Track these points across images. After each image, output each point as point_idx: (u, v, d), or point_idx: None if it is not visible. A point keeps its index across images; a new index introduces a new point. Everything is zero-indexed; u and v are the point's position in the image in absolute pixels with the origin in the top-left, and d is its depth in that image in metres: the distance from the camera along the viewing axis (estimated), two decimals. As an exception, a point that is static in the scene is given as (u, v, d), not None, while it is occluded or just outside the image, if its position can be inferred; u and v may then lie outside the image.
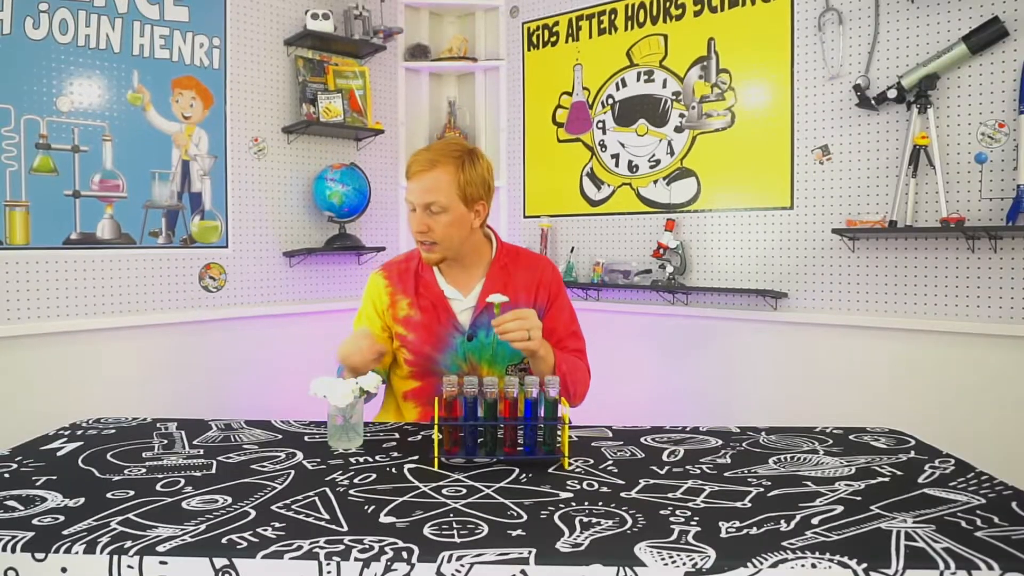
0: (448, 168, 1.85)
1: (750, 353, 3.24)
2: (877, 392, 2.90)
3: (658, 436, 1.77)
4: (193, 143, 3.31)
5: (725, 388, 3.30)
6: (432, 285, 1.98)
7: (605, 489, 1.39)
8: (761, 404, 3.19)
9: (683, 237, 3.45)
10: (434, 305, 1.96)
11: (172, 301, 3.27)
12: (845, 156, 2.98)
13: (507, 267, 2.01)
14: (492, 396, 1.56)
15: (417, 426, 1.87)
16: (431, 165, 1.85)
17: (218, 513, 1.26)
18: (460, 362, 1.94)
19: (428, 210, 1.86)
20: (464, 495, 1.35)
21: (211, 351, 3.36)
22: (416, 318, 1.96)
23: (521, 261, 2.04)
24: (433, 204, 1.85)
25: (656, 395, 3.49)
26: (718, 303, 3.36)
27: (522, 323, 1.72)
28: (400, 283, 2.01)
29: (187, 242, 3.31)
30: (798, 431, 1.81)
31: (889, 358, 2.88)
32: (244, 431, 1.82)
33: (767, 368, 3.19)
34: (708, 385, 3.35)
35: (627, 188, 3.64)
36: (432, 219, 1.86)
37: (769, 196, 3.19)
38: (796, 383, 3.10)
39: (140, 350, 3.15)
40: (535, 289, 2.00)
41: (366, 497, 1.34)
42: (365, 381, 1.67)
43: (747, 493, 1.37)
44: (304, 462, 1.56)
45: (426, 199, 1.85)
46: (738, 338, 3.28)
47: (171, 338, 3.24)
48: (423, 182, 1.85)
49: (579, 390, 1.95)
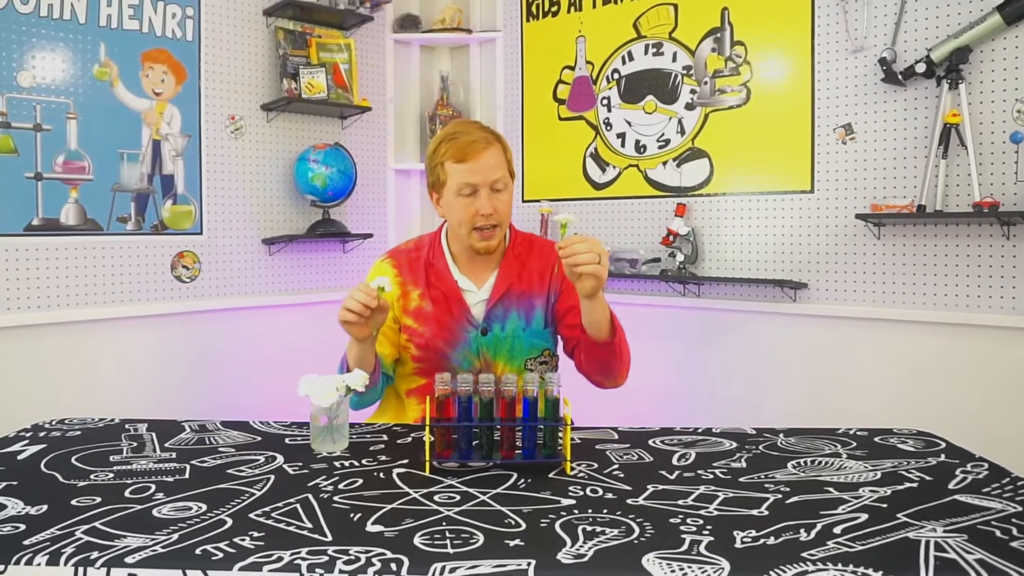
0: (498, 144, 1.91)
1: (767, 348, 3.24)
2: (904, 391, 2.90)
3: (667, 438, 1.77)
4: (165, 121, 3.30)
5: (740, 386, 3.30)
6: (445, 275, 1.98)
7: (610, 495, 1.39)
8: (779, 403, 3.19)
9: (695, 223, 3.44)
10: (446, 296, 1.96)
11: (142, 292, 3.26)
12: (870, 135, 2.97)
13: (521, 256, 2.02)
14: (488, 395, 1.55)
15: (407, 427, 1.87)
16: (488, 142, 1.89)
17: (192, 521, 1.26)
18: (473, 358, 1.94)
19: (493, 189, 1.88)
20: (458, 502, 1.35)
21: (184, 346, 3.36)
22: (428, 310, 1.96)
23: (535, 249, 2.05)
24: (499, 181, 1.89)
25: (665, 394, 3.50)
26: (732, 294, 3.36)
27: (591, 246, 1.66)
28: (410, 273, 2.01)
29: (158, 228, 3.30)
30: (819, 433, 1.81)
31: (917, 354, 2.88)
32: (220, 433, 1.81)
33: (785, 365, 3.19)
34: (722, 383, 3.36)
35: (634, 170, 3.63)
36: (497, 199, 1.89)
37: (788, 179, 3.19)
38: (817, 381, 3.11)
39: (107, 345, 3.15)
40: (548, 275, 2.01)
41: (352, 504, 1.34)
42: (351, 378, 1.67)
43: (764, 500, 1.36)
44: (285, 466, 1.55)
45: (494, 175, 1.88)
46: (754, 332, 3.27)
47: (141, 332, 3.24)
48: (488, 159, 1.87)
49: (628, 356, 1.94)
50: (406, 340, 1.98)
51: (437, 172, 1.92)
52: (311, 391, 1.62)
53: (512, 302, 1.97)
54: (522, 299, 1.98)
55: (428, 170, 1.97)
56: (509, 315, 1.96)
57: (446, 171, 1.89)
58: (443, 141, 1.90)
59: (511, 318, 1.96)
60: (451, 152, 1.88)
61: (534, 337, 1.98)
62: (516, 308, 1.97)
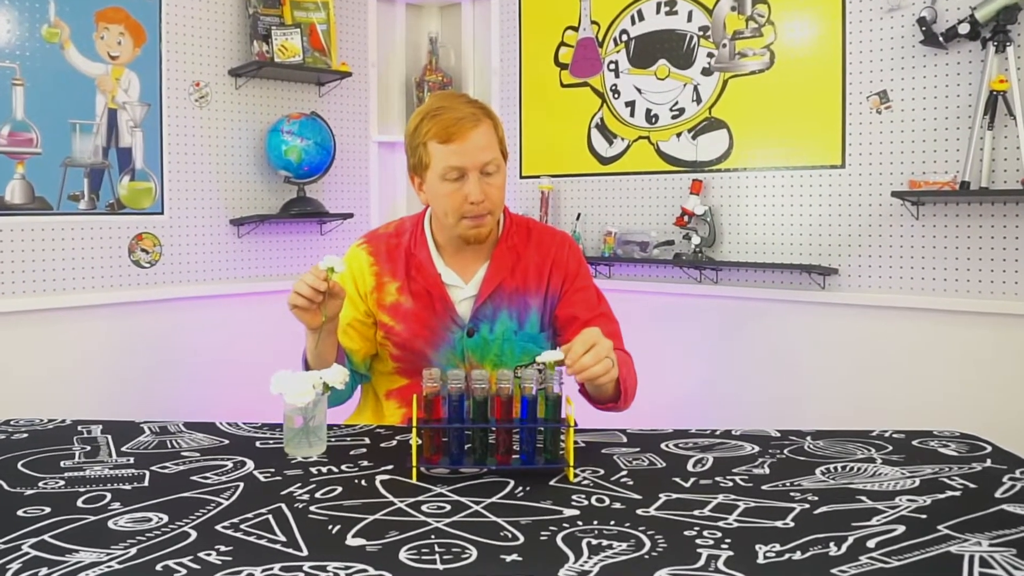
0: (488, 121, 1.87)
1: (793, 341, 3.24)
2: (946, 389, 2.90)
3: (682, 441, 1.77)
4: (121, 88, 3.29)
5: (762, 384, 3.31)
6: (427, 267, 1.95)
7: (618, 505, 1.39)
8: (806, 403, 3.20)
9: (712, 202, 3.44)
10: (429, 292, 1.94)
11: (96, 279, 3.26)
12: (907, 104, 2.97)
13: (515, 247, 1.99)
14: (482, 393, 1.55)
15: (391, 430, 1.86)
16: (476, 119, 1.84)
17: (151, 534, 1.26)
18: (457, 361, 1.93)
19: (483, 172, 1.85)
20: (448, 512, 1.35)
21: (143, 339, 3.35)
22: (407, 306, 1.94)
23: (533, 238, 2.02)
24: (490, 164, 1.85)
25: (679, 392, 3.50)
26: (754, 281, 3.36)
27: (597, 351, 1.60)
28: (388, 262, 1.98)
29: (114, 208, 3.30)
30: (851, 435, 1.81)
31: (960, 347, 2.88)
32: (183, 435, 1.81)
33: (813, 360, 3.19)
34: (742, 380, 3.36)
35: (644, 143, 3.63)
36: (487, 183, 1.86)
37: (816, 152, 3.19)
38: (848, 378, 3.11)
39: (57, 338, 3.14)
40: (547, 271, 1.98)
41: (330, 515, 1.34)
42: (329, 375, 1.66)
43: (789, 510, 1.37)
44: (255, 473, 1.55)
45: (484, 157, 1.84)
46: (778, 323, 3.28)
47: (95, 323, 3.23)
48: (478, 138, 1.83)
49: (633, 392, 1.90)
50: (383, 338, 1.96)
51: (419, 153, 1.86)
52: (284, 389, 1.62)
53: (503, 300, 1.94)
54: (515, 297, 1.95)
55: (408, 151, 1.91)
56: (499, 315, 1.93)
57: (429, 152, 1.84)
58: (425, 118, 1.85)
59: (501, 318, 1.93)
60: (435, 131, 1.82)
61: (527, 341, 1.95)
62: (508, 307, 1.94)
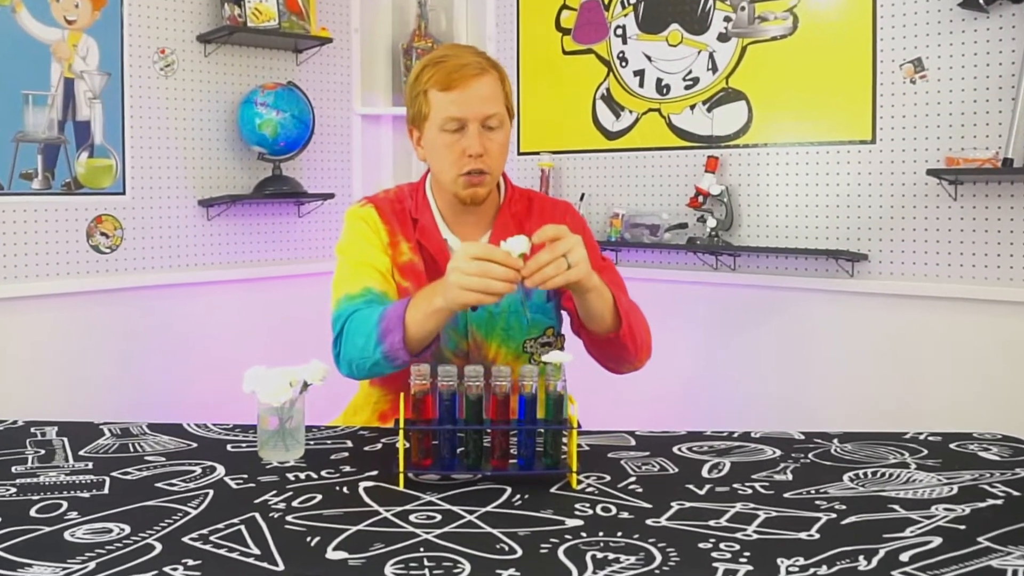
0: (495, 74, 1.91)
1: (818, 334, 3.24)
2: (987, 387, 2.90)
3: (696, 444, 1.77)
4: (79, 56, 3.28)
5: (785, 381, 3.31)
6: (432, 232, 1.98)
7: (626, 515, 1.39)
8: (833, 402, 3.20)
9: (729, 181, 3.44)
10: (435, 258, 1.96)
11: (51, 265, 3.25)
12: (944, 73, 2.97)
13: (517, 216, 2.02)
14: (476, 391, 1.55)
15: (376, 432, 1.86)
16: (482, 69, 1.88)
17: (112, 547, 1.25)
18: (460, 338, 1.94)
19: (485, 126, 1.88)
20: (439, 523, 1.35)
21: (102, 331, 3.35)
22: (420, 268, 1.96)
23: (535, 208, 2.05)
24: (493, 117, 1.88)
25: (693, 390, 3.50)
26: (776, 268, 3.36)
27: (552, 251, 1.62)
28: (397, 223, 2.00)
29: (71, 187, 3.29)
30: (882, 438, 1.81)
31: (1003, 341, 2.88)
32: (147, 438, 1.81)
33: (841, 354, 3.19)
34: (762, 377, 3.36)
35: (655, 116, 3.63)
36: (487, 138, 1.88)
37: (844, 126, 3.18)
38: (880, 374, 3.11)
39: (8, 330, 3.14)
40: None
41: (309, 525, 1.34)
42: (308, 371, 1.66)
43: (814, 520, 1.37)
44: (226, 479, 1.55)
45: (486, 109, 1.86)
46: (802, 314, 3.27)
47: (49, 314, 3.23)
48: (482, 88, 1.86)
49: (644, 338, 1.90)
50: None
51: (419, 103, 1.90)
52: (258, 387, 1.62)
53: None
54: None
55: (408, 101, 1.95)
56: None
57: (429, 101, 1.88)
58: (428, 65, 1.89)
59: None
60: (436, 78, 1.86)
61: (535, 312, 1.96)
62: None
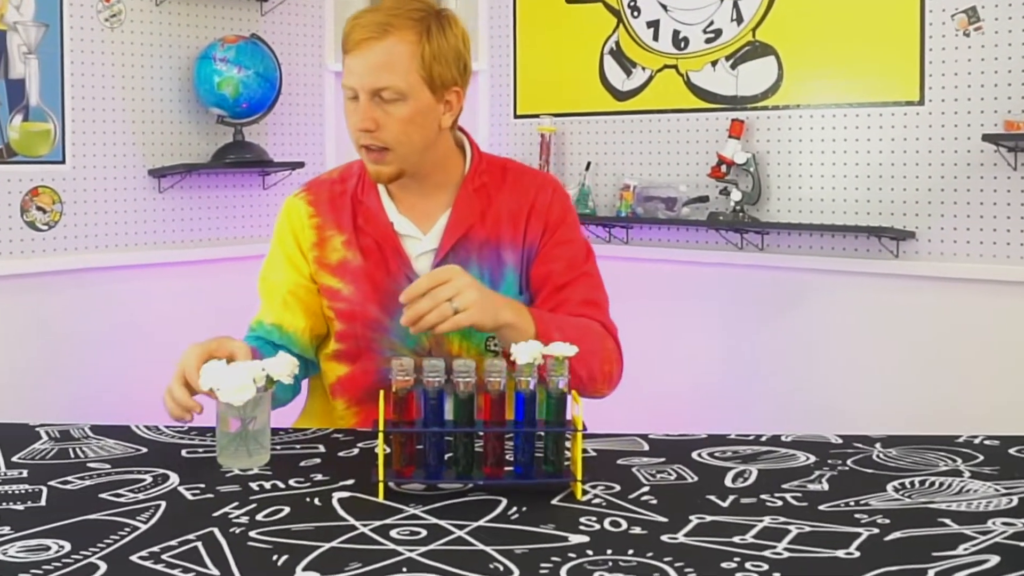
0: (407, 35, 1.87)
1: (858, 324, 3.24)
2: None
3: (718, 449, 1.77)
4: (12, 5, 3.28)
5: (820, 377, 3.31)
6: (377, 216, 1.99)
7: (638, 530, 1.38)
8: (875, 400, 3.21)
9: (757, 147, 3.44)
10: (380, 246, 1.97)
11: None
12: (1002, 24, 2.97)
13: (485, 188, 2.01)
14: (467, 389, 1.54)
15: (352, 435, 1.86)
16: (382, 31, 1.86)
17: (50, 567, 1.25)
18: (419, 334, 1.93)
19: (378, 98, 1.87)
20: (424, 539, 1.34)
21: (39, 320, 3.36)
22: (355, 263, 1.97)
23: (508, 180, 2.04)
24: (386, 89, 1.86)
25: (715, 387, 3.50)
26: (809, 248, 3.36)
27: (435, 295, 1.68)
28: (332, 212, 2.02)
29: (3, 155, 3.30)
30: (931, 442, 1.81)
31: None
32: (89, 442, 1.81)
33: (884, 346, 3.20)
34: (794, 372, 3.36)
35: (671, 73, 3.63)
36: (383, 111, 1.88)
37: (887, 85, 3.18)
38: (928, 368, 3.11)
39: (-66, 319, 3.14)
40: (524, 219, 2.00)
41: (275, 542, 1.33)
42: (274, 365, 1.67)
43: (854, 536, 1.36)
44: (181, 489, 1.55)
45: (375, 81, 1.86)
46: (840, 301, 3.28)
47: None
48: (370, 56, 1.86)
49: (602, 368, 1.90)
50: (327, 307, 1.99)
51: None
52: (217, 384, 1.61)
53: (471, 253, 1.96)
54: (486, 250, 1.97)
55: None
56: (468, 271, 1.93)
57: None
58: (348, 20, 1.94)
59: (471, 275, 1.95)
60: (343, 38, 1.91)
61: None
62: (478, 262, 1.96)
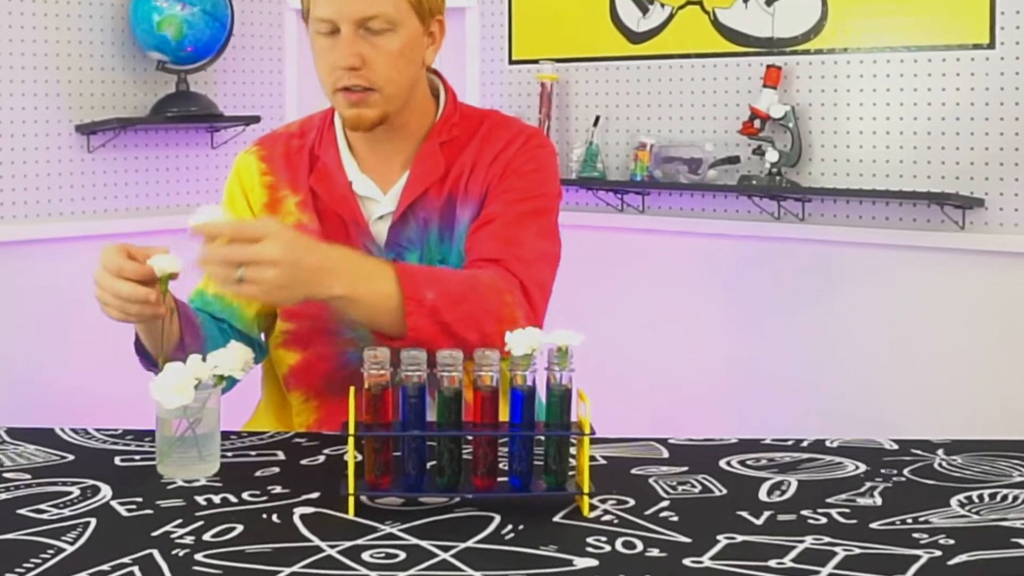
0: None
1: (916, 306, 3.25)
2: None
3: (751, 457, 1.78)
4: (-93, -75, 3.26)
5: (871, 370, 3.31)
6: (335, 174, 2.01)
7: (656, 552, 1.39)
8: (936, 398, 3.22)
9: (796, 99, 3.44)
10: (337, 208, 1.99)
11: None
12: (1091, -48, 2.97)
13: (458, 140, 2.02)
14: (452, 384, 1.54)
15: (317, 439, 1.86)
16: None
17: (-43, 597, 1.25)
18: None
19: (364, 29, 1.88)
20: (402, 563, 1.35)
21: (-51, 304, 3.35)
22: (310, 228, 1.98)
23: (481, 131, 2.04)
24: (375, 18, 1.87)
25: (746, 383, 3.51)
26: (859, 218, 3.37)
27: (226, 253, 1.65)
28: (286, 170, 2.04)
29: (-99, 107, 3.28)
30: (1003, 447, 1.82)
31: None
32: (6, 448, 1.82)
33: (947, 333, 3.20)
34: (840, 364, 3.36)
35: (695, 10, 3.64)
36: (371, 45, 1.88)
37: (951, 25, 3.19)
38: (998, 360, 3.12)
39: None
40: (486, 169, 1.99)
41: (225, 566, 1.34)
42: (224, 359, 1.67)
43: (913, 559, 1.37)
44: (114, 504, 1.55)
45: (363, 9, 1.86)
46: (895, 280, 3.28)
47: None
48: None
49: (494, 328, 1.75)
50: None
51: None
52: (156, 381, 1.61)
53: (434, 215, 1.98)
54: (447, 210, 1.98)
55: None
56: (428, 237, 1.97)
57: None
58: None
59: (431, 240, 1.97)
60: None
61: None
62: (439, 225, 1.98)
